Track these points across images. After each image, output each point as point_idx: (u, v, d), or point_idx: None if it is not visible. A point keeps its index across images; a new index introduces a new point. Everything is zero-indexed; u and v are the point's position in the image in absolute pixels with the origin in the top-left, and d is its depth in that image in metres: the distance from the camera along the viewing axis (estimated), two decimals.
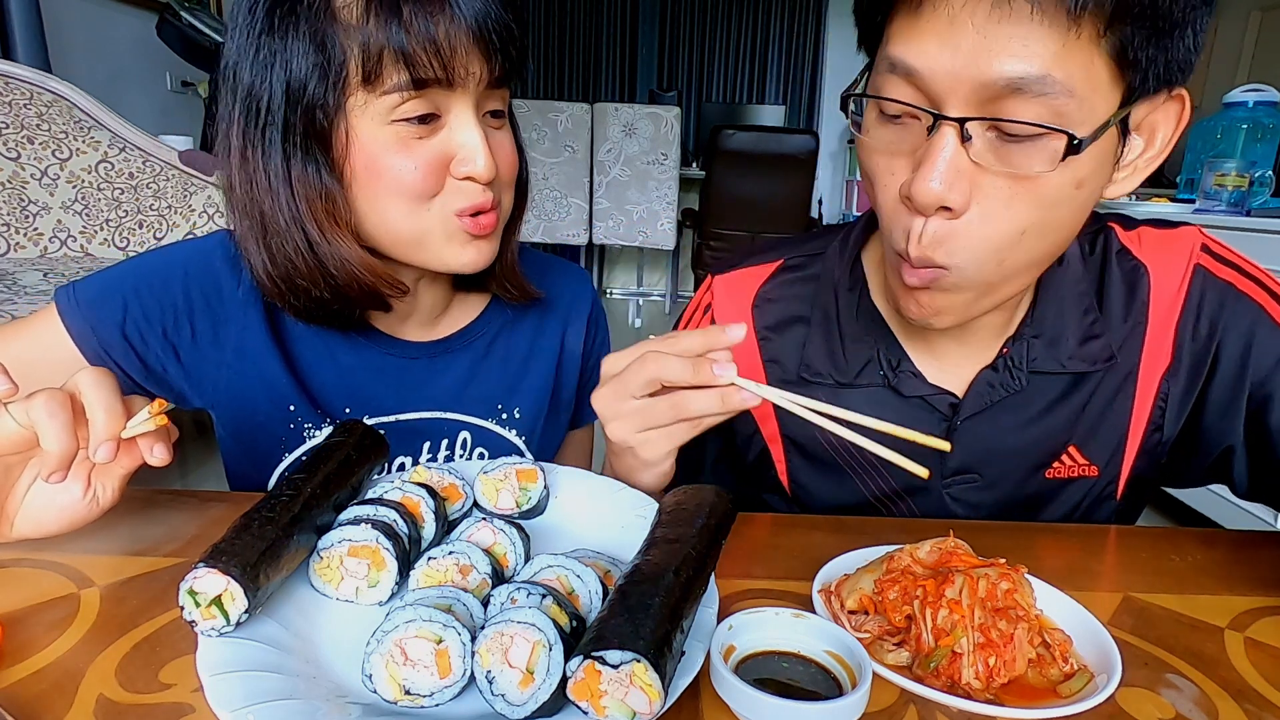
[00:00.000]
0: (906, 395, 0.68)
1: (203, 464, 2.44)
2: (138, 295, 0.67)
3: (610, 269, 5.63)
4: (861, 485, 0.72)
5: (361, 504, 0.51)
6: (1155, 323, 0.68)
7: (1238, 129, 2.40)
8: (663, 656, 0.37)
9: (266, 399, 0.71)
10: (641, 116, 4.24)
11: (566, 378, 0.85)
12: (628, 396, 0.56)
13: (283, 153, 0.60)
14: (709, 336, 0.55)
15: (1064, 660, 0.46)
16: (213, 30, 3.18)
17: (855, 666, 0.42)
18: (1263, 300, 0.66)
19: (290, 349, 0.72)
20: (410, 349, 0.76)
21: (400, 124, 0.59)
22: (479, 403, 0.79)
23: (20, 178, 2.20)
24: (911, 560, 0.50)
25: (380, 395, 0.74)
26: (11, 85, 2.22)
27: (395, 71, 0.57)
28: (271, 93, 0.59)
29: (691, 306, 0.79)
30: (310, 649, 0.43)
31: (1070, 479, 0.71)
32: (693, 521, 0.47)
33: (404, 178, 0.60)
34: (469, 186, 0.62)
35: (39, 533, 0.53)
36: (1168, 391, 0.68)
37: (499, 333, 0.81)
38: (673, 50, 6.03)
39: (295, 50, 0.57)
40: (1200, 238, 0.69)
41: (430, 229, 0.63)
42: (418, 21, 0.55)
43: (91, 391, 0.48)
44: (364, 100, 0.58)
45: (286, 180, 0.60)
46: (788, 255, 0.76)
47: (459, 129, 0.61)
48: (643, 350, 0.55)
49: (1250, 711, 0.43)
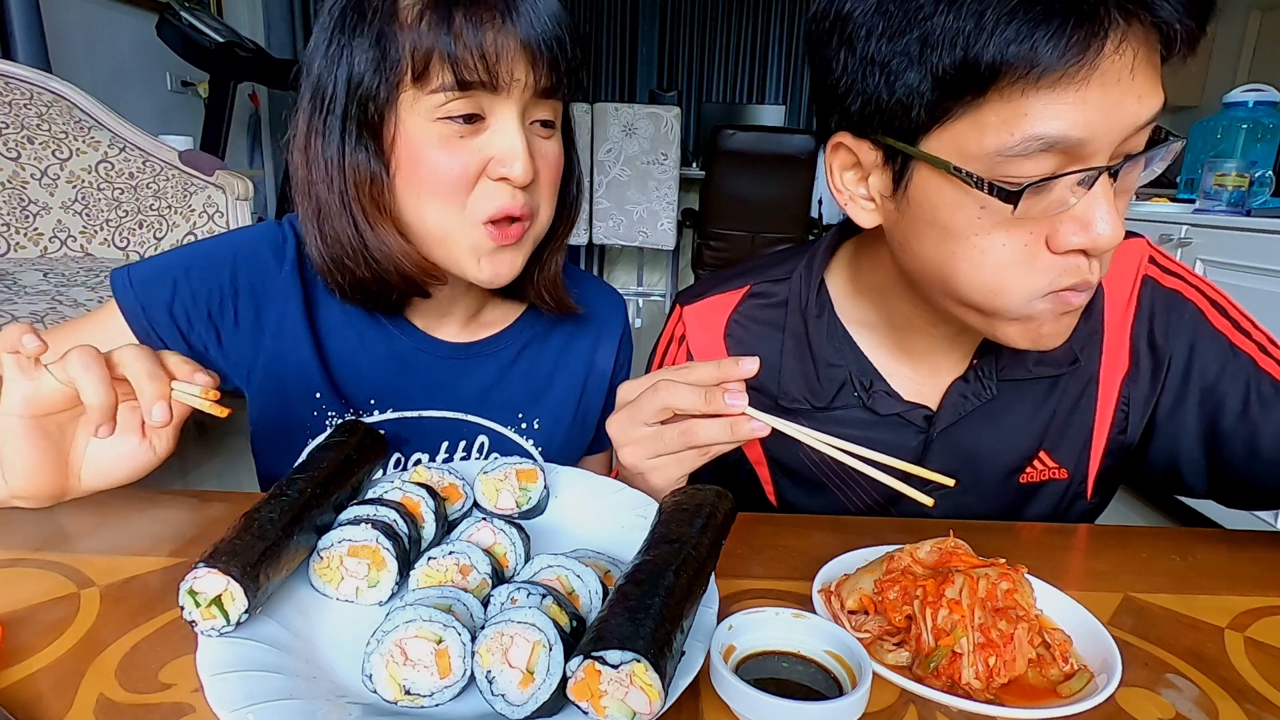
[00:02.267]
0: (883, 414, 0.70)
1: (203, 464, 2.44)
2: (188, 278, 0.70)
3: (610, 269, 5.63)
4: (845, 499, 0.74)
5: (361, 504, 0.51)
6: (1111, 330, 0.71)
7: (1238, 129, 2.40)
8: (663, 656, 0.37)
9: (296, 384, 0.73)
10: (641, 116, 4.24)
11: (591, 396, 0.86)
12: (640, 423, 0.57)
13: (340, 140, 0.64)
14: (723, 368, 0.56)
15: (1064, 660, 0.46)
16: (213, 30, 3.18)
17: (855, 666, 0.42)
18: (1203, 306, 0.70)
19: (323, 337, 0.74)
20: (441, 348, 0.77)
21: (444, 122, 0.61)
22: (501, 409, 0.80)
23: (20, 178, 2.20)
24: (911, 560, 0.50)
25: (406, 390, 0.76)
26: (11, 85, 2.22)
27: (442, 72, 0.59)
28: (335, 84, 0.62)
29: (665, 338, 0.80)
30: (310, 649, 0.43)
31: (1043, 482, 0.73)
32: (693, 521, 0.47)
33: (439, 172, 0.62)
34: (503, 189, 0.63)
35: (108, 483, 0.58)
36: (1129, 395, 0.71)
37: (529, 342, 0.82)
38: (673, 50, 6.03)
39: (359, 46, 0.61)
40: (1148, 249, 0.72)
41: (457, 232, 0.64)
42: (467, 28, 0.58)
43: (133, 364, 0.52)
44: (414, 97, 0.61)
45: (340, 166, 0.64)
46: (754, 281, 0.77)
47: (501, 132, 0.62)
48: (657, 379, 0.57)
49: (1250, 711, 0.43)
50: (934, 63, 0.50)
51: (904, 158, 0.55)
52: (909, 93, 0.52)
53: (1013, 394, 0.70)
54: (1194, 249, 2.18)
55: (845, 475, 0.73)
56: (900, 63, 0.52)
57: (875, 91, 0.54)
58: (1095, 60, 0.47)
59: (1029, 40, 0.46)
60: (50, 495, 0.56)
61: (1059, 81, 0.47)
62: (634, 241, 4.48)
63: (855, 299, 0.72)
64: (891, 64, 0.52)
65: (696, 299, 0.79)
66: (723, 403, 0.54)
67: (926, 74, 0.51)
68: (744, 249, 4.12)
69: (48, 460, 0.55)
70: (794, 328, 0.73)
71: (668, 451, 0.57)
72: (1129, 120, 0.49)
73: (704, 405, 0.55)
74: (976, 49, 0.47)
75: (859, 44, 0.54)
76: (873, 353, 0.71)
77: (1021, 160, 0.50)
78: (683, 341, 0.78)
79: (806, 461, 0.74)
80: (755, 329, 0.76)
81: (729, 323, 0.77)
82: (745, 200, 4.09)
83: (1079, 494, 0.74)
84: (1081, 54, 0.46)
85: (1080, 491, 0.74)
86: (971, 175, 0.51)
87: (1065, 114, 0.48)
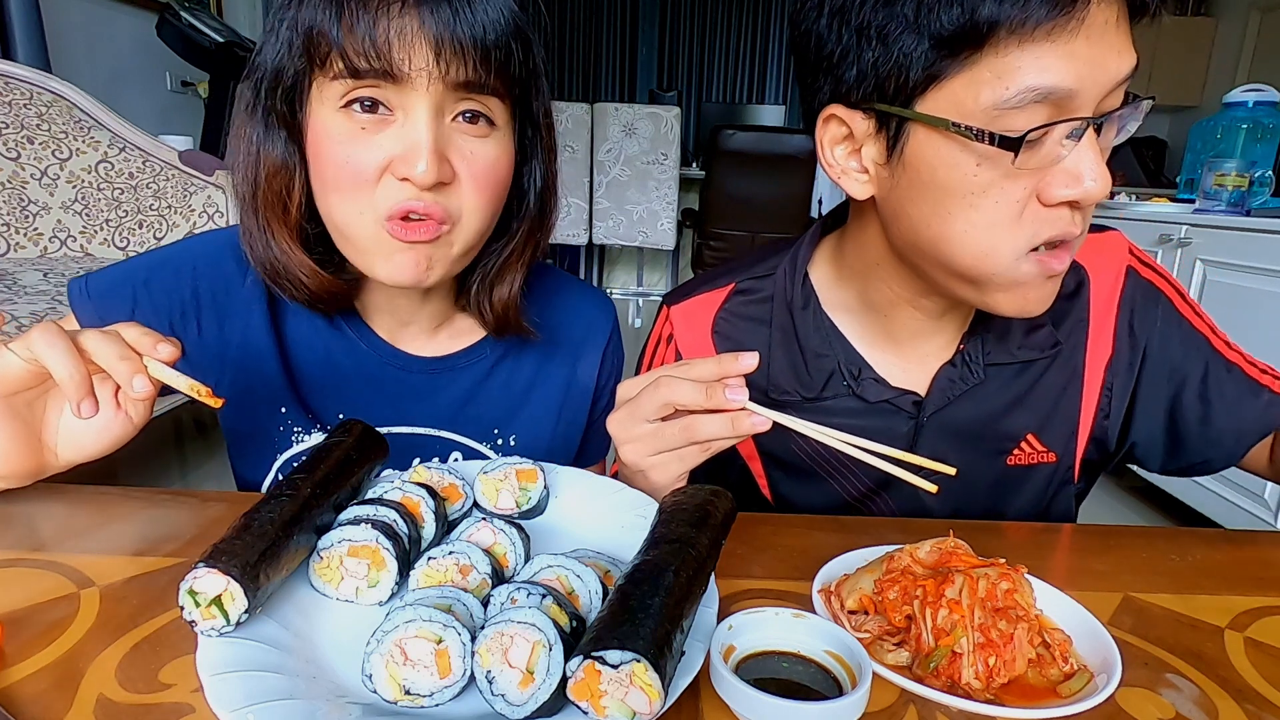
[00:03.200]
0: (872, 401, 0.71)
1: (202, 464, 2.44)
2: (147, 289, 0.68)
3: (610, 269, 5.63)
4: (839, 488, 0.75)
5: (361, 504, 0.51)
6: (1096, 319, 0.74)
7: (1238, 129, 2.40)
8: (663, 656, 0.37)
9: (262, 398, 0.71)
10: (641, 116, 4.24)
11: (572, 411, 0.83)
12: (641, 420, 0.58)
13: (261, 128, 0.62)
14: (723, 364, 0.57)
15: (1064, 660, 0.46)
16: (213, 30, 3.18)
17: (855, 666, 0.42)
18: (1172, 295, 0.75)
19: (289, 351, 0.72)
20: (411, 362, 0.75)
21: (347, 112, 0.58)
22: (475, 425, 0.77)
23: (20, 178, 2.20)
24: (911, 560, 0.50)
25: (375, 406, 0.73)
26: (11, 85, 2.22)
27: (336, 59, 0.56)
28: (263, 68, 0.61)
29: (654, 338, 0.81)
30: (310, 649, 0.43)
31: (1031, 465, 0.75)
32: (693, 521, 0.47)
33: (339, 166, 0.59)
34: (404, 189, 0.58)
35: (84, 455, 0.58)
36: (1112, 382, 0.75)
37: (504, 356, 0.78)
38: (673, 50, 6.04)
39: (282, 27, 0.59)
40: (1126, 242, 0.76)
41: (359, 228, 0.61)
42: (360, 13, 0.55)
43: (101, 348, 0.52)
44: (320, 85, 0.59)
45: (256, 156, 0.62)
46: (738, 279, 0.78)
47: (405, 126, 0.58)
48: (657, 375, 0.57)
49: (1250, 711, 0.43)
50: (931, 24, 0.52)
51: (898, 123, 0.57)
52: (905, 56, 0.54)
53: (999, 378, 0.72)
54: (1194, 249, 2.18)
55: (838, 464, 0.74)
56: (897, 26, 0.54)
57: (872, 58, 0.56)
58: (1083, 13, 0.50)
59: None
60: (28, 473, 0.56)
61: (1050, 34, 0.50)
62: (634, 241, 4.48)
63: (839, 286, 0.74)
64: (889, 28, 0.54)
65: (682, 299, 0.79)
66: (724, 398, 0.55)
67: (923, 36, 0.53)
68: (744, 249, 4.12)
69: (19, 439, 0.55)
70: (780, 321, 0.74)
71: (669, 448, 0.57)
72: (1112, 73, 0.52)
73: (705, 400, 0.55)
74: (972, 4, 0.50)
75: (852, 13, 0.56)
76: (859, 341, 0.73)
77: (1015, 113, 0.52)
78: (670, 341, 0.79)
79: (799, 453, 0.75)
80: (742, 325, 0.76)
81: (716, 320, 0.77)
82: (745, 200, 4.10)
83: (1067, 478, 0.76)
84: (1070, 5, 0.50)
85: (1068, 476, 0.76)
86: (972, 129, 0.53)
87: (1056, 66, 0.51)
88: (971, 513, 0.74)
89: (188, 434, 2.69)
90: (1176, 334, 0.73)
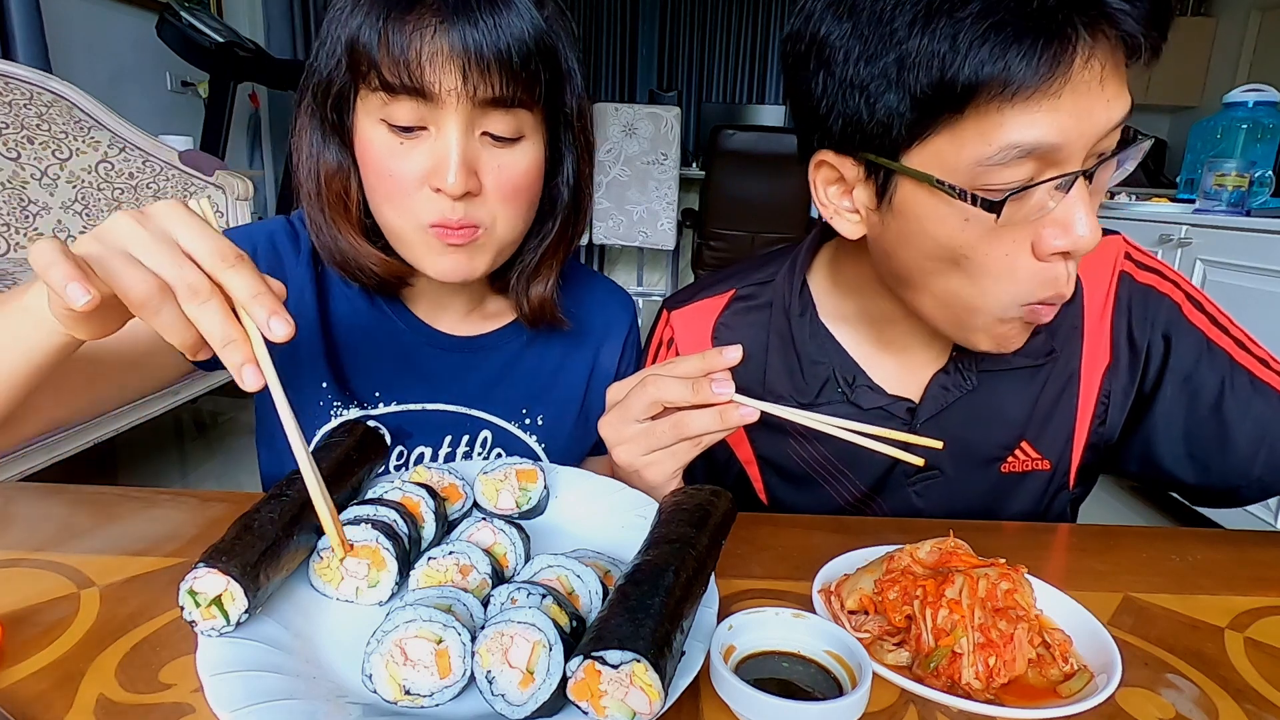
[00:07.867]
0: (865, 408, 0.72)
1: (203, 464, 2.44)
2: None
3: (610, 269, 5.62)
4: (833, 492, 0.75)
5: (361, 504, 0.51)
6: (1090, 325, 0.73)
7: (1238, 129, 2.40)
8: (663, 656, 0.37)
9: (304, 374, 0.73)
10: (641, 116, 4.23)
11: (595, 396, 0.85)
12: (631, 420, 0.59)
13: (318, 132, 0.66)
14: (708, 359, 0.57)
15: (1064, 660, 0.46)
16: (213, 30, 3.18)
17: (855, 666, 0.42)
18: (1179, 299, 0.71)
19: (332, 329, 0.75)
20: (447, 341, 0.78)
21: (386, 124, 0.61)
22: (504, 404, 0.80)
23: (20, 178, 2.20)
24: (911, 560, 0.50)
25: (411, 384, 0.76)
26: (11, 85, 2.22)
27: (372, 75, 0.59)
28: (316, 74, 0.64)
29: (655, 343, 0.82)
30: (310, 649, 0.43)
31: (1025, 473, 0.74)
32: (693, 521, 0.47)
33: (381, 176, 0.63)
34: (440, 199, 0.62)
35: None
36: (1110, 389, 0.73)
37: (534, 339, 0.82)
38: (673, 50, 6.03)
39: (334, 37, 0.62)
40: (1124, 246, 0.74)
41: (408, 231, 0.65)
42: (394, 34, 0.57)
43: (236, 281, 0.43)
44: (364, 96, 0.62)
45: (314, 158, 0.66)
46: (738, 285, 0.79)
47: (437, 141, 0.61)
48: (644, 376, 0.58)
49: (1250, 711, 0.43)
50: (911, 84, 0.51)
51: (887, 173, 0.57)
52: (889, 113, 0.54)
53: (992, 385, 0.72)
54: (1194, 249, 2.18)
55: (834, 470, 0.74)
56: (879, 85, 0.53)
57: (856, 112, 0.55)
58: (1066, 74, 0.49)
59: (1002, 60, 0.48)
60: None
61: (1033, 95, 0.49)
62: (634, 241, 4.48)
63: (836, 295, 0.74)
64: (870, 86, 0.54)
65: (683, 304, 0.80)
66: (710, 392, 0.55)
67: (905, 95, 0.52)
68: (744, 249, 4.12)
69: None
70: (778, 327, 0.75)
71: (661, 446, 0.58)
72: (1100, 124, 0.51)
73: (692, 396, 0.56)
74: (952, 70, 0.49)
75: (837, 67, 0.55)
76: (854, 348, 0.73)
77: (1000, 169, 0.51)
78: (671, 345, 0.80)
79: (795, 458, 0.75)
80: (742, 331, 0.77)
81: (716, 326, 0.78)
82: (745, 200, 4.09)
83: (1062, 485, 0.76)
84: (1052, 70, 0.48)
85: (1063, 483, 0.76)
86: (954, 187, 0.52)
87: (1040, 122, 0.50)
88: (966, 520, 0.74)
89: (188, 434, 2.69)
90: (1185, 340, 0.71)
